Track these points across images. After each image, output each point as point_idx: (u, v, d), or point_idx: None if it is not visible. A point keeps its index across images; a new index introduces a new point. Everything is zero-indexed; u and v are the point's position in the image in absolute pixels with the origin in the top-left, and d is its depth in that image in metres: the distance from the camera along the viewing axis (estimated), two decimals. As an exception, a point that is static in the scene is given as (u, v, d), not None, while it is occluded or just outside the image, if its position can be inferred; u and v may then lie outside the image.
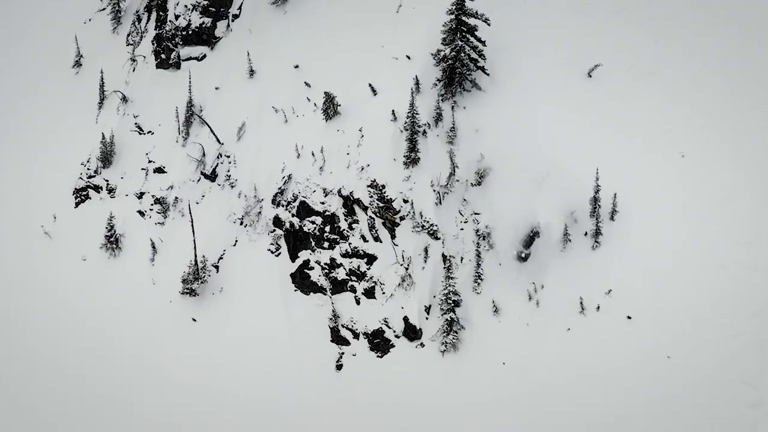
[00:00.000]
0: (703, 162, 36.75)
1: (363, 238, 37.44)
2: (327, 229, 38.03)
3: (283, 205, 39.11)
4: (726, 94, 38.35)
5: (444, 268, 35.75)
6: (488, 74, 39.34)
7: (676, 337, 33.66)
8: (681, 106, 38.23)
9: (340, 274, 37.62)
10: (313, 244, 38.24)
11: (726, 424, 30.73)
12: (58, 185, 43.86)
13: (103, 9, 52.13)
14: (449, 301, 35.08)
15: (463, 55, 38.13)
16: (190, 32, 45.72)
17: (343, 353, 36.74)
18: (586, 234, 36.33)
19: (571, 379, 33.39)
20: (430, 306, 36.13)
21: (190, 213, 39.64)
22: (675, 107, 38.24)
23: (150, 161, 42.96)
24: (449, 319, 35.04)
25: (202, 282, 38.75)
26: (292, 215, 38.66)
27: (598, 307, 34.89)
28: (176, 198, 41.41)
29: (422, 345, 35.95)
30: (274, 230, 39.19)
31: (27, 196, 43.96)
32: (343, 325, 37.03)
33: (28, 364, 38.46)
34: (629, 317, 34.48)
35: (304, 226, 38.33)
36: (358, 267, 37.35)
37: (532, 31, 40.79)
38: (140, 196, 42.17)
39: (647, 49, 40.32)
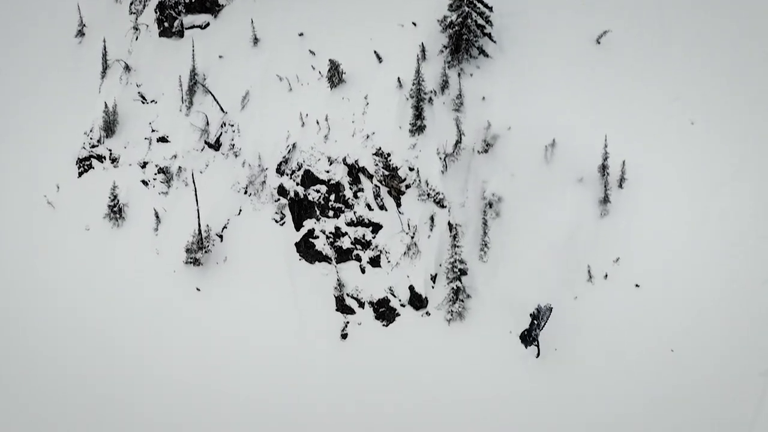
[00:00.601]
0: (712, 129, 36.24)
1: (368, 206, 37.08)
2: (332, 197, 37.68)
3: (287, 174, 38.74)
4: (738, 61, 37.76)
5: (450, 236, 35.29)
6: (495, 41, 38.87)
7: (685, 306, 33.45)
8: (691, 73, 37.70)
9: (345, 242, 37.30)
10: (317, 213, 37.91)
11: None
12: (60, 155, 43.63)
13: (106, -23, 51.70)
14: (455, 270, 34.73)
15: (469, 21, 37.60)
16: (193, 0, 45.19)
17: (348, 322, 36.50)
18: (594, 202, 35.88)
19: (577, 346, 33.11)
20: (436, 275, 35.78)
21: (194, 182, 39.31)
22: (685, 74, 37.71)
23: (153, 130, 42.62)
24: (455, 287, 34.72)
25: (206, 251, 38.51)
26: (297, 184, 38.31)
27: (606, 276, 34.57)
28: (180, 167, 41.10)
29: (428, 314, 35.66)
30: (279, 199, 38.87)
31: (30, 166, 43.76)
32: (348, 294, 36.75)
33: (32, 335, 38.37)
34: (637, 285, 34.15)
35: (309, 195, 37.99)
36: (363, 236, 37.03)
37: (540, -4, 40.30)
38: (144, 165, 41.87)
39: (657, 17, 39.69)
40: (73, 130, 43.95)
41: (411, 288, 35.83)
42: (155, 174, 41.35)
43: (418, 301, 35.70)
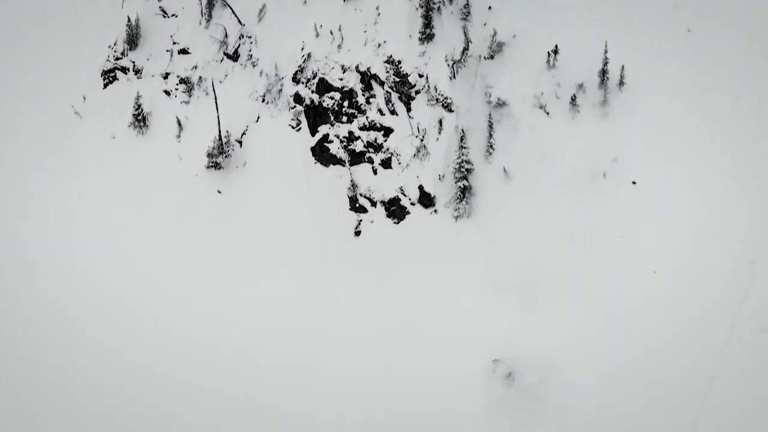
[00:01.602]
0: (709, 35, 37.90)
1: (380, 111, 38.99)
2: (345, 104, 39.58)
3: (302, 83, 40.60)
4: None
5: (457, 139, 37.30)
6: (501, -47, 40.34)
7: (684, 203, 35.53)
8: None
9: (358, 146, 39.30)
10: (332, 118, 39.85)
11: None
12: (86, 69, 45.30)
13: None
14: (462, 170, 36.88)
15: (477, -68, 39.10)
16: None
17: (361, 220, 38.64)
18: (594, 105, 37.80)
19: (576, 238, 35.33)
20: (443, 175, 37.86)
21: (214, 91, 41.20)
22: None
23: (174, 43, 44.34)
24: (462, 186, 36.86)
25: (226, 156, 40.55)
26: (312, 92, 40.18)
27: (605, 174, 36.56)
28: (200, 77, 42.92)
29: (436, 211, 37.79)
30: (295, 106, 40.77)
31: (57, 79, 45.42)
32: (361, 194, 38.84)
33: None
34: (634, 182, 36.15)
35: (323, 101, 39.88)
36: (375, 139, 39.02)
37: None
38: (166, 76, 43.67)
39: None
40: (97, 44, 45.57)
41: (420, 188, 37.94)
42: (177, 84, 43.20)
43: (427, 200, 37.82)
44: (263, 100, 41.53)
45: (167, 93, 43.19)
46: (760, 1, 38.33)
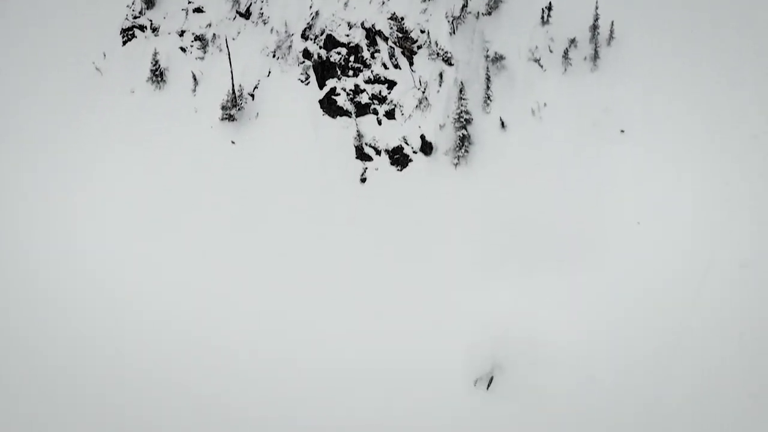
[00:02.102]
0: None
1: (384, 65, 41.43)
2: (351, 59, 41.99)
3: (311, 39, 42.99)
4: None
5: (457, 90, 39.77)
6: None
7: (668, 148, 38.01)
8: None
9: (364, 98, 41.78)
10: (339, 72, 42.29)
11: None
12: (105, 27, 47.70)
13: None
14: (461, 120, 39.38)
15: None
16: None
17: (366, 168, 41.20)
18: (585, 58, 40.18)
19: (567, 180, 37.92)
20: (444, 125, 40.34)
21: (228, 48, 43.63)
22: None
23: (189, 2, 46.54)
24: (461, 135, 39.35)
25: (239, 109, 43.07)
26: (320, 47, 42.58)
27: (595, 123, 39.02)
28: (214, 35, 45.29)
29: (437, 159, 40.32)
30: (304, 62, 43.20)
31: (78, 38, 47.86)
32: (366, 144, 41.37)
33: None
34: (622, 131, 38.64)
35: (331, 56, 42.29)
36: (380, 92, 41.48)
37: None
38: (181, 34, 46.05)
39: None
40: (116, 3, 47.98)
41: (422, 137, 40.45)
42: (192, 41, 45.61)
43: (428, 148, 40.35)
44: (274, 56, 43.92)
45: (183, 50, 45.58)
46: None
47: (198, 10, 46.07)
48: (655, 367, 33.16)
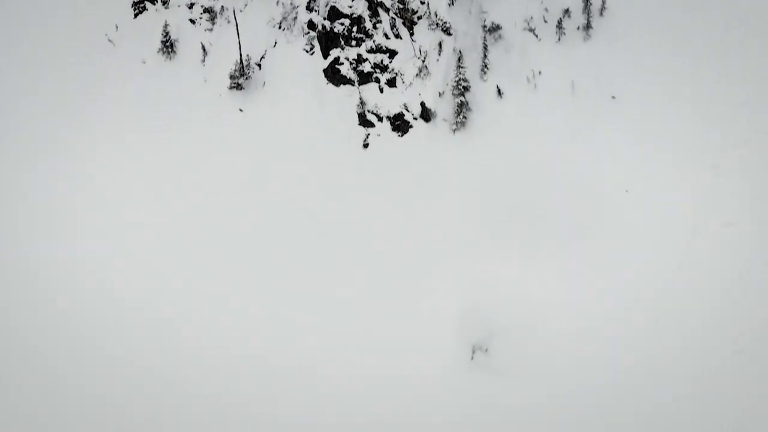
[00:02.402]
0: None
1: (385, 35, 43.24)
2: (354, 29, 43.78)
3: (316, 11, 44.75)
4: None
5: (455, 59, 41.62)
6: None
7: (656, 114, 39.90)
8: None
9: (366, 67, 43.60)
10: (342, 43, 44.10)
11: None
12: (117, 0, 49.55)
13: None
14: (459, 87, 41.24)
15: None
16: None
17: (369, 134, 43.05)
18: (578, 28, 42.00)
19: (560, 144, 39.84)
20: (443, 92, 42.20)
21: (236, 19, 45.31)
22: None
23: (198, -25, 48.52)
24: (459, 102, 41.23)
25: (247, 78, 44.88)
26: (324, 19, 44.35)
27: (587, 90, 40.91)
28: (222, 7, 46.90)
29: (436, 125, 42.22)
30: (308, 32, 44.97)
31: (91, 10, 49.49)
32: (368, 111, 43.22)
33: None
34: (613, 97, 40.52)
35: (334, 27, 44.08)
36: (382, 61, 43.32)
37: None
38: (191, 6, 47.70)
39: None
40: (127, -23, 49.83)
41: (422, 104, 42.32)
42: (201, 13, 47.31)
43: (428, 115, 42.22)
44: (280, 27, 45.69)
45: (192, 21, 47.31)
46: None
47: (206, -18, 47.86)
48: (646, 330, 34.79)
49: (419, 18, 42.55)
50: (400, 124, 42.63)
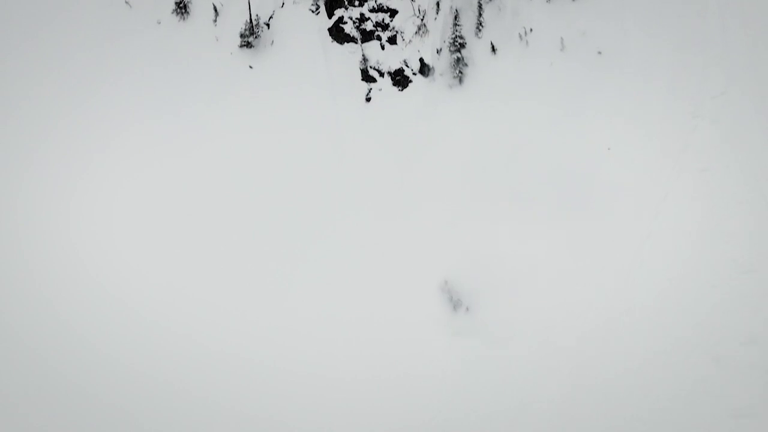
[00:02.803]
0: None
1: (387, -5, 46.09)
2: (357, -10, 46.61)
3: (321, -28, 47.59)
4: None
5: (452, 18, 44.43)
6: None
7: (639, 67, 42.68)
8: None
9: (368, 26, 46.36)
10: (345, 2, 46.80)
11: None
12: (132, -36, 52.20)
13: None
14: (456, 44, 44.06)
15: None
16: None
17: (371, 89, 45.86)
18: (568, -11, 44.83)
19: (549, 96, 42.71)
20: (440, 49, 45.01)
21: (245, -19, 48.22)
22: None
23: (209, -61, 51.09)
24: (456, 58, 44.05)
25: (256, 37, 47.63)
26: (329, -20, 47.22)
27: (576, 46, 43.69)
28: (232, -30, 49.89)
29: (434, 80, 45.05)
30: (314, -7, 47.84)
31: (107, -26, 52.37)
32: (371, 67, 46.02)
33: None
34: (600, 53, 43.31)
35: (339, -12, 46.94)
36: (383, 20, 46.10)
37: None
38: (202, -31, 50.65)
39: None
40: (140, -57, 52.35)
41: (421, 60, 45.15)
42: (212, -25, 50.21)
43: (426, 70, 45.04)
44: (287, -12, 48.52)
45: (204, -17, 50.11)
46: None
47: (217, -54, 50.48)
48: (627, 283, 36.24)
49: (418, -21, 45.28)
50: (400, 79, 45.44)
